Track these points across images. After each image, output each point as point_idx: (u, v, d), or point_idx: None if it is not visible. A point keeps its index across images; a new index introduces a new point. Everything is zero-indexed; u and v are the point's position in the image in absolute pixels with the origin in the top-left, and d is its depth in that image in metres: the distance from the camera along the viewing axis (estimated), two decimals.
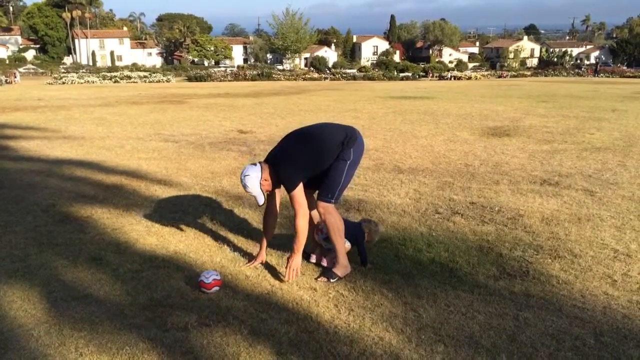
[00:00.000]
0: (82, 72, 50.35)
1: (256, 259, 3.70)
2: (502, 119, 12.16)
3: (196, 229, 4.44)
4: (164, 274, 3.54)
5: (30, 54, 76.90)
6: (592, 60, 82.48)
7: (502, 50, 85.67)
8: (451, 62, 77.64)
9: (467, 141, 8.98)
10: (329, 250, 3.67)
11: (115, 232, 4.36)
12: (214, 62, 76.63)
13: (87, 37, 75.78)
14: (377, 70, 58.59)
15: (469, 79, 49.03)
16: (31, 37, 79.36)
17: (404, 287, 3.36)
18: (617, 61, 78.27)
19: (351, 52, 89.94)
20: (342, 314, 3.03)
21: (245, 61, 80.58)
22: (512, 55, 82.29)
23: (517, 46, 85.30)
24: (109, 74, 45.14)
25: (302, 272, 3.56)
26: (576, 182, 6.05)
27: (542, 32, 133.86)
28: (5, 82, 37.19)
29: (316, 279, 3.47)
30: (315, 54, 77.94)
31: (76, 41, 76.30)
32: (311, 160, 3.41)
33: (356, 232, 3.67)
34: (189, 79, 44.26)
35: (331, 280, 3.44)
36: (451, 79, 50.52)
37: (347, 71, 57.76)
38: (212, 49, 76.98)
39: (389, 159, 7.47)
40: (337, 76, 50.76)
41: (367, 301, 3.18)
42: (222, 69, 58.07)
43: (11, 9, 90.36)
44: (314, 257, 3.75)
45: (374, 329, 2.87)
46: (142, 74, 47.05)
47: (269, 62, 78.84)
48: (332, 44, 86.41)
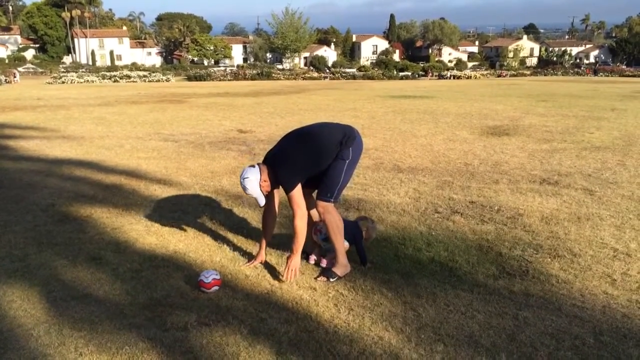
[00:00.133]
0: (82, 72, 50.33)
1: (256, 258, 3.70)
2: (501, 118, 12.16)
3: (196, 228, 4.44)
4: (163, 274, 3.54)
5: (29, 54, 76.85)
6: (592, 59, 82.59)
7: (502, 49, 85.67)
8: (450, 62, 77.62)
9: (467, 140, 8.98)
10: (328, 250, 3.67)
11: (114, 232, 4.36)
12: (213, 62, 76.61)
13: (86, 37, 75.71)
14: (376, 69, 58.57)
15: (468, 78, 49.03)
16: (30, 37, 79.32)
17: (404, 286, 3.36)
18: (617, 60, 78.29)
19: (351, 52, 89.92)
20: (342, 314, 3.03)
21: (244, 60, 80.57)
22: (511, 54, 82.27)
23: (517, 45, 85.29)
24: (108, 74, 45.13)
25: (302, 271, 3.56)
26: (576, 181, 6.05)
27: (542, 31, 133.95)
28: (4, 81, 37.17)
29: (316, 279, 3.47)
30: (314, 53, 77.92)
31: (75, 41, 76.25)
32: (310, 160, 3.42)
33: (354, 231, 3.67)
34: (189, 79, 44.26)
35: (331, 279, 3.44)
36: (451, 78, 50.53)
37: (347, 70, 57.76)
38: (212, 48, 76.97)
39: (389, 158, 7.47)
40: (336, 75, 50.77)
41: (366, 300, 3.18)
42: (222, 69, 58.06)
43: (10, 8, 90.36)
44: (313, 257, 3.75)
45: (373, 328, 2.87)
46: (141, 73, 47.04)
47: (268, 61, 78.80)
48: (332, 43, 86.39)
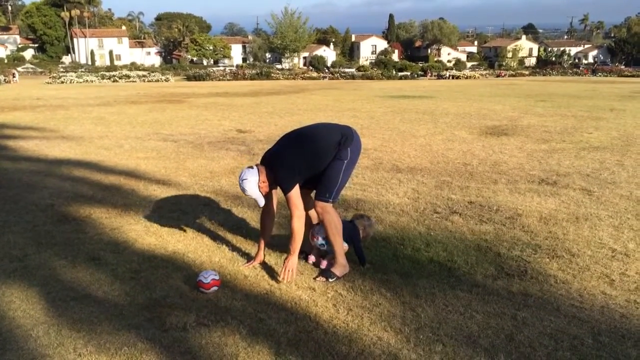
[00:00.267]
0: (81, 72, 50.25)
1: (255, 259, 3.70)
2: (500, 118, 12.17)
3: (195, 228, 4.44)
4: (162, 274, 3.54)
5: (28, 53, 76.77)
6: (591, 59, 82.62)
7: (501, 49, 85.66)
8: (449, 62, 77.62)
9: (466, 140, 8.99)
10: (327, 252, 3.66)
11: (113, 232, 4.36)
12: (212, 62, 76.58)
13: (85, 37, 75.64)
14: (375, 69, 58.52)
15: (467, 78, 49.04)
16: (30, 37, 79.23)
17: (403, 286, 3.36)
18: (616, 60, 78.34)
19: (350, 51, 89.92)
20: (341, 314, 3.03)
21: (244, 60, 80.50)
22: (510, 54, 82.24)
23: (516, 45, 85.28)
24: (107, 73, 45.07)
25: (301, 272, 3.56)
26: (574, 181, 6.06)
27: (541, 31, 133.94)
28: (3, 81, 37.12)
29: (315, 279, 3.48)
30: (314, 53, 77.90)
31: (75, 40, 76.17)
32: (308, 161, 3.42)
33: (351, 231, 3.66)
34: (188, 78, 44.22)
35: (330, 279, 3.44)
36: (449, 78, 50.52)
37: (346, 70, 57.73)
38: (211, 48, 76.94)
39: (388, 158, 7.47)
40: (335, 75, 50.72)
41: (365, 301, 3.19)
42: (221, 68, 58.01)
43: (10, 8, 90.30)
44: (312, 257, 3.76)
45: (372, 328, 2.88)
46: (140, 73, 46.98)
47: (267, 61, 78.73)
48: (331, 43, 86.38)
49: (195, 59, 76.24)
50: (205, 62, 75.01)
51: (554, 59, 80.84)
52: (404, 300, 3.19)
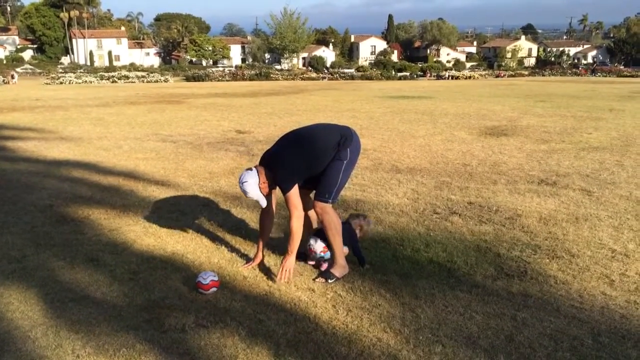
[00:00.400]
0: (80, 72, 50.28)
1: (254, 260, 3.69)
2: (499, 118, 12.17)
3: (194, 229, 4.43)
4: (161, 275, 3.53)
5: (27, 54, 76.74)
6: (590, 59, 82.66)
7: (500, 49, 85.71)
8: (449, 62, 77.69)
9: (465, 141, 8.99)
10: (327, 260, 3.64)
11: (112, 233, 4.35)
12: (212, 62, 76.56)
13: (84, 37, 75.62)
14: (375, 69, 58.61)
15: (466, 78, 49.08)
16: (28, 37, 79.19)
17: (402, 287, 3.35)
18: (615, 61, 78.42)
19: (349, 52, 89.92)
20: (340, 315, 3.03)
21: (243, 61, 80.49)
22: (509, 54, 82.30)
23: (515, 46, 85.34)
24: (106, 74, 45.10)
25: (300, 272, 3.55)
26: (574, 181, 6.05)
27: (540, 31, 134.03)
28: (2, 82, 37.10)
29: (314, 280, 3.47)
30: (313, 54, 77.91)
31: (74, 41, 76.13)
32: (307, 161, 3.42)
33: (347, 233, 3.64)
34: (187, 79, 44.24)
35: (329, 280, 3.43)
36: (449, 78, 50.58)
37: (345, 71, 57.82)
38: (210, 48, 76.92)
39: (387, 158, 7.46)
40: (335, 76, 50.78)
41: (365, 302, 3.18)
42: (220, 69, 58.07)
43: (9, 8, 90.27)
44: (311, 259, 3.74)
45: (372, 329, 2.87)
46: (139, 73, 47.02)
47: (267, 61, 78.75)
48: (330, 44, 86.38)
49: (194, 59, 76.23)
50: (204, 63, 75.00)
51: (553, 59, 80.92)
52: (403, 301, 3.18)
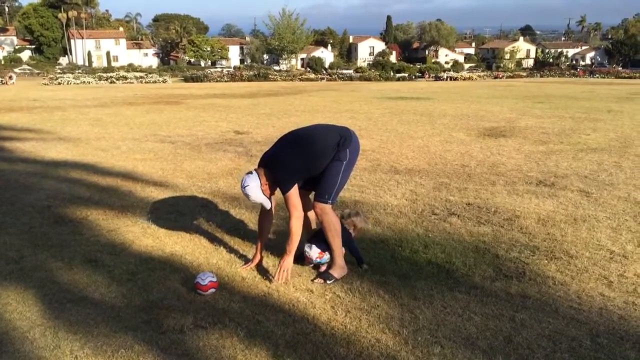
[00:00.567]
0: (78, 73, 50.21)
1: (252, 260, 3.69)
2: (498, 119, 12.19)
3: (192, 230, 4.43)
4: (159, 276, 3.52)
5: (25, 55, 76.65)
6: (588, 61, 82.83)
7: (498, 51, 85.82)
8: (447, 63, 77.71)
9: (464, 142, 9.00)
10: (325, 263, 3.63)
11: (110, 234, 4.34)
12: (210, 63, 76.56)
13: (83, 38, 75.56)
14: (373, 70, 58.62)
15: (465, 79, 49.14)
16: (27, 38, 79.09)
17: (401, 288, 3.35)
18: (613, 62, 78.57)
19: (347, 53, 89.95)
20: (339, 316, 3.03)
21: (241, 62, 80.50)
22: (508, 56, 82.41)
23: (513, 47, 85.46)
24: (105, 75, 45.06)
25: (299, 273, 3.55)
26: (572, 183, 6.06)
27: (538, 32, 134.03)
28: (0, 82, 37.02)
29: (312, 281, 3.47)
30: (311, 55, 77.92)
31: (72, 42, 76.06)
32: (307, 162, 3.41)
33: (343, 233, 3.62)
34: (185, 80, 44.20)
35: (328, 281, 3.43)
36: (447, 79, 50.63)
37: (344, 72, 57.84)
38: (209, 49, 76.90)
39: (386, 159, 7.47)
40: (333, 77, 50.79)
41: (363, 303, 3.18)
42: (219, 70, 58.05)
43: (7, 9, 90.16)
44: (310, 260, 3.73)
45: (370, 330, 2.87)
46: (138, 74, 46.98)
47: (265, 62, 78.78)
48: (329, 45, 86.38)
49: (192, 60, 76.19)
50: (202, 64, 74.98)
51: (551, 60, 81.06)
52: (402, 302, 3.18)
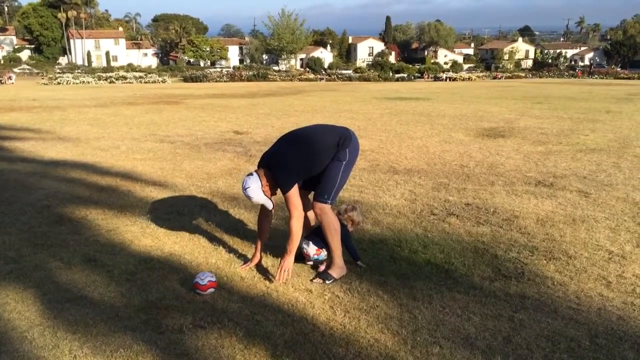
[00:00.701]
0: (78, 73, 50.23)
1: (251, 260, 3.69)
2: (497, 120, 12.20)
3: (191, 230, 4.43)
4: (158, 276, 3.52)
5: (25, 54, 76.57)
6: (587, 61, 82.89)
7: (497, 51, 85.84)
8: (446, 63, 77.76)
9: (463, 142, 9.00)
10: (323, 261, 3.63)
11: (110, 234, 4.34)
12: (209, 63, 76.53)
13: (82, 38, 75.50)
14: (372, 71, 58.70)
15: (464, 80, 49.18)
16: (26, 37, 79.01)
17: (400, 288, 3.35)
18: (611, 63, 78.64)
19: (347, 53, 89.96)
20: (338, 316, 3.03)
21: (241, 62, 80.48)
22: (506, 56, 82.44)
23: (512, 47, 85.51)
24: (104, 75, 45.08)
25: (298, 273, 3.55)
26: (571, 183, 6.07)
27: (537, 33, 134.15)
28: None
29: (311, 281, 3.47)
30: (311, 55, 77.92)
31: (71, 41, 76.01)
32: (306, 162, 3.42)
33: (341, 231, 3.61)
34: (185, 80, 44.22)
35: (327, 281, 3.43)
36: (446, 80, 50.69)
37: (343, 72, 57.93)
38: (208, 49, 76.88)
39: (385, 160, 7.47)
40: (332, 77, 50.85)
41: (362, 303, 3.18)
42: (218, 70, 58.07)
43: (6, 9, 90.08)
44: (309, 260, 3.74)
45: (369, 330, 2.87)
46: (137, 74, 47.01)
47: (264, 62, 78.78)
48: (328, 45, 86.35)
49: (192, 60, 76.17)
50: (202, 64, 74.96)
51: (550, 61, 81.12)
52: (401, 302, 3.18)
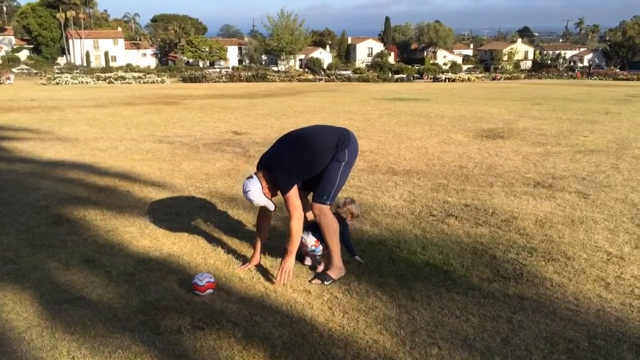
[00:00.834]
0: (76, 73, 50.16)
1: (250, 261, 3.69)
2: (496, 121, 12.20)
3: (190, 231, 4.42)
4: (157, 277, 3.52)
5: (23, 54, 76.53)
6: (586, 62, 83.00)
7: (496, 52, 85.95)
8: (445, 64, 77.84)
9: (462, 143, 9.01)
10: (322, 256, 3.64)
11: (108, 234, 4.34)
12: (208, 63, 76.54)
13: (81, 38, 75.49)
14: (371, 71, 58.70)
15: (463, 81, 49.20)
16: (25, 38, 78.96)
17: (398, 289, 3.35)
18: (611, 64, 78.75)
19: (346, 54, 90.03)
20: (336, 317, 3.03)
21: (240, 62, 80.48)
22: (506, 57, 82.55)
23: (511, 48, 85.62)
24: (103, 75, 45.03)
25: (296, 274, 3.55)
26: (569, 184, 6.07)
27: (536, 34, 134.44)
28: None
29: (310, 281, 3.47)
30: (310, 56, 77.97)
31: (70, 42, 75.98)
32: (306, 163, 3.42)
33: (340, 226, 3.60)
34: (184, 80, 44.17)
35: (325, 282, 3.43)
36: (445, 81, 50.70)
37: (342, 72, 57.93)
38: (207, 49, 76.89)
39: (384, 160, 7.47)
40: (331, 77, 50.84)
41: (361, 304, 3.18)
42: (217, 70, 58.04)
43: (5, 9, 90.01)
44: (308, 259, 3.74)
45: (368, 331, 2.87)
46: (136, 74, 46.95)
47: (263, 63, 78.79)
48: (327, 46, 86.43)
49: (191, 60, 76.17)
50: (201, 64, 74.97)
51: (549, 62, 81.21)
52: (399, 303, 3.18)
